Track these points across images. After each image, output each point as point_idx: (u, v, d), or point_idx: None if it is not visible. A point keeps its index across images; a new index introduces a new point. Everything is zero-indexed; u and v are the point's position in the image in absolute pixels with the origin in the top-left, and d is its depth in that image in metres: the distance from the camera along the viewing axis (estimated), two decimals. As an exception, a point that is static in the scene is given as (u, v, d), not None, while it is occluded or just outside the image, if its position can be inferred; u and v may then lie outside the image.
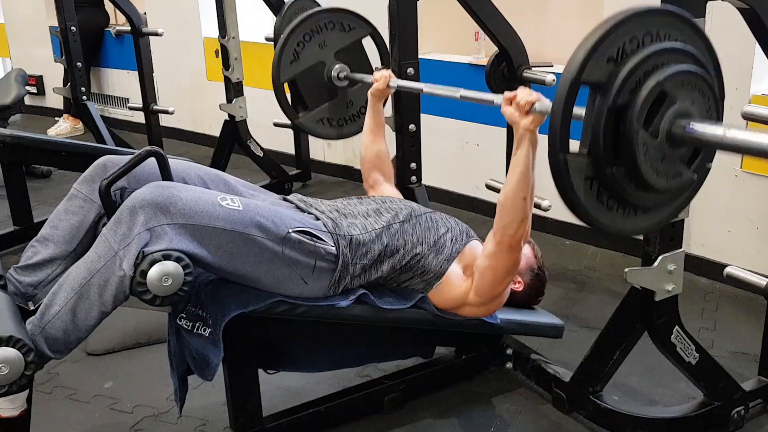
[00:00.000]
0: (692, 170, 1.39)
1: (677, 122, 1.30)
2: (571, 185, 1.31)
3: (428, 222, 2.05)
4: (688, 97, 1.32)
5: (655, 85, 1.28)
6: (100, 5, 5.35)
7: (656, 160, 1.32)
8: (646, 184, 1.34)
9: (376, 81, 2.35)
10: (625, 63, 1.28)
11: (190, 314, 1.82)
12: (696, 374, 1.98)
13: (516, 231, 1.84)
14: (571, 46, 1.30)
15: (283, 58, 2.51)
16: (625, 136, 1.29)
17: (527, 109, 1.71)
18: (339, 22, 2.59)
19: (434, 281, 2.01)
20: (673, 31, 1.34)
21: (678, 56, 1.33)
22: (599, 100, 1.29)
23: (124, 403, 2.26)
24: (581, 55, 1.26)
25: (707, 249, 2.97)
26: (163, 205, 1.65)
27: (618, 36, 1.28)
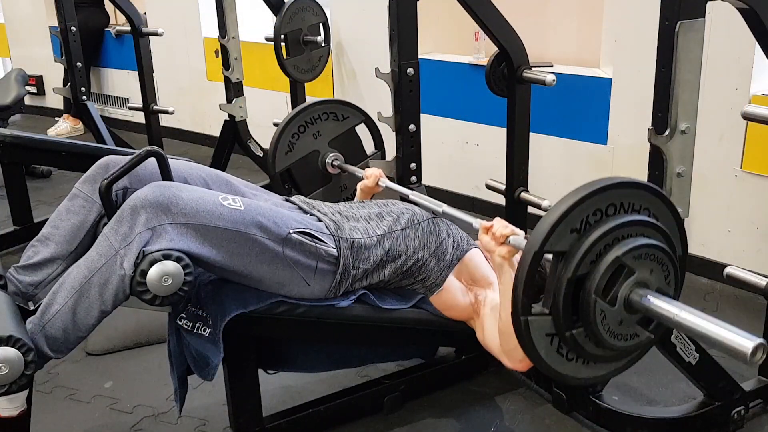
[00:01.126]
0: (650, 330, 1.45)
1: (635, 291, 1.38)
2: (533, 344, 1.41)
3: (430, 227, 2.04)
4: (646, 268, 1.39)
5: (613, 259, 1.36)
6: (100, 5, 5.35)
7: (614, 324, 1.40)
8: (604, 344, 1.42)
9: (367, 178, 2.37)
10: (587, 235, 1.36)
11: (190, 314, 1.82)
12: (696, 374, 1.97)
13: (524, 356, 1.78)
14: (571, 46, 1.30)
15: (278, 150, 2.58)
16: (584, 303, 1.38)
17: (502, 241, 1.74)
18: (333, 112, 2.66)
19: (435, 288, 2.01)
20: (636, 200, 1.41)
21: (638, 228, 1.40)
22: (561, 268, 1.37)
23: (124, 403, 2.26)
24: (545, 228, 1.34)
25: (707, 249, 2.97)
26: (164, 205, 1.65)
27: (581, 210, 1.35)
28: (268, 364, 2.02)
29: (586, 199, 1.35)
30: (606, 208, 1.37)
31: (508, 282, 1.75)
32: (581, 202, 1.34)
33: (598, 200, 1.36)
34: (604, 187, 1.36)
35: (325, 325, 1.92)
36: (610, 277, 1.37)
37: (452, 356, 2.34)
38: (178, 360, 1.88)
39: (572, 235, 1.35)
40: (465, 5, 2.36)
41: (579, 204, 1.34)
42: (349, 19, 4.15)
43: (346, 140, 2.69)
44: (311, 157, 2.64)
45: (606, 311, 1.38)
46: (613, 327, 1.40)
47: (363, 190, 2.39)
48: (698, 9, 1.62)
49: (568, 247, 1.36)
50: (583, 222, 1.36)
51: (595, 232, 1.35)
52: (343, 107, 2.69)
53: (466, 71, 3.65)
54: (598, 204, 1.36)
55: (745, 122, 2.64)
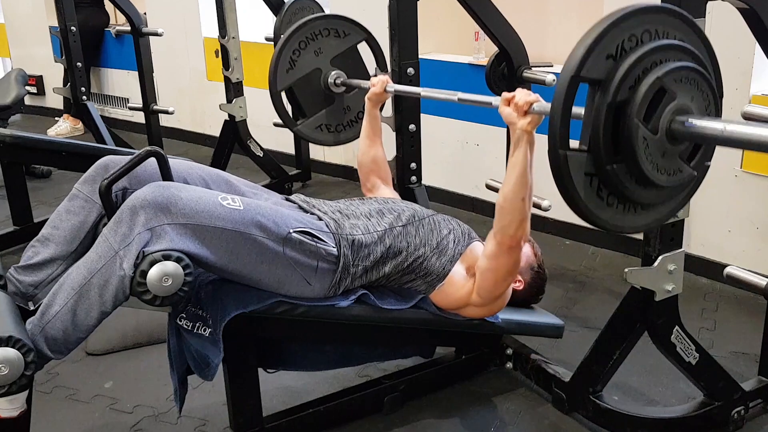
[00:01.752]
0: (692, 166, 1.39)
1: (677, 118, 1.31)
2: (572, 182, 1.31)
3: (431, 224, 2.05)
4: (687, 94, 1.32)
5: (654, 81, 1.28)
6: (100, 5, 5.35)
7: (656, 155, 1.33)
8: (647, 180, 1.34)
9: (373, 86, 2.36)
10: (624, 60, 1.29)
11: (190, 314, 1.82)
12: (696, 374, 1.98)
13: (516, 231, 1.84)
14: (571, 46, 1.30)
15: (279, 67, 2.52)
16: (625, 132, 1.30)
17: (525, 110, 1.71)
18: (334, 28, 2.60)
19: (436, 283, 2.01)
20: (672, 29, 1.35)
21: (676, 53, 1.33)
22: (599, 97, 1.29)
23: (124, 403, 2.26)
24: (580, 52, 1.26)
25: (707, 249, 2.97)
26: (163, 205, 1.64)
27: (617, 33, 1.28)
28: (268, 364, 2.02)
29: (620, 22, 1.28)
30: (641, 34, 1.31)
31: (522, 157, 1.74)
32: (615, 25, 1.28)
33: (633, 24, 1.30)
34: (638, 10, 1.30)
35: (325, 325, 1.92)
36: (651, 103, 1.29)
37: (452, 356, 2.34)
38: (178, 360, 1.88)
39: (608, 62, 1.29)
40: (465, 5, 2.36)
41: (613, 27, 1.28)
42: (349, 19, 4.14)
43: (348, 58, 2.63)
44: (313, 76, 2.58)
45: (649, 139, 1.30)
46: (655, 158, 1.32)
47: (371, 99, 2.38)
48: (698, 9, 1.61)
49: (605, 74, 1.29)
50: (619, 47, 1.29)
51: (633, 55, 1.29)
52: (344, 23, 2.63)
53: (466, 71, 3.65)
54: (633, 29, 1.30)
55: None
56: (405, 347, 2.19)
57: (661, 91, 1.30)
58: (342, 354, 2.10)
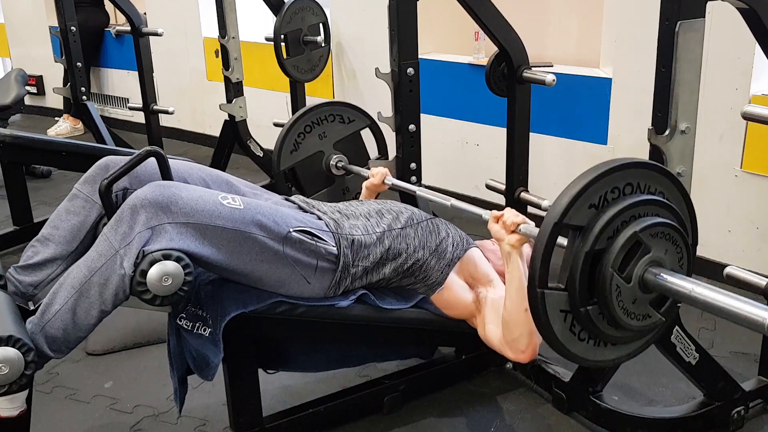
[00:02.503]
0: (661, 313, 1.48)
1: (650, 269, 1.41)
2: (547, 318, 1.42)
3: (429, 226, 2.05)
4: (661, 247, 1.43)
5: (631, 235, 1.39)
6: (100, 5, 5.35)
7: (628, 302, 1.43)
8: (617, 322, 1.44)
9: (372, 176, 2.39)
10: (605, 211, 1.39)
11: (190, 314, 1.82)
12: (696, 374, 1.97)
13: (527, 346, 1.83)
14: (571, 46, 1.31)
15: (284, 148, 2.60)
16: (600, 278, 1.40)
17: (513, 230, 1.77)
18: (339, 114, 2.68)
19: (436, 287, 2.01)
20: (653, 183, 1.45)
21: (655, 208, 1.44)
22: (578, 243, 1.40)
23: (124, 403, 2.26)
24: (565, 201, 1.37)
25: (707, 249, 2.97)
26: (164, 204, 1.65)
27: (601, 186, 1.39)
28: (268, 364, 2.02)
29: (606, 175, 1.38)
30: (623, 186, 1.40)
31: (515, 270, 1.77)
32: (601, 178, 1.37)
33: (617, 178, 1.39)
34: (623, 165, 1.39)
35: (325, 325, 1.92)
36: (626, 254, 1.39)
37: (452, 356, 2.34)
38: (178, 360, 1.88)
39: (590, 210, 1.38)
40: (465, 5, 2.36)
41: (599, 179, 1.37)
42: (349, 19, 4.15)
43: (351, 143, 2.71)
44: (315, 158, 2.66)
45: (621, 287, 1.40)
46: (627, 305, 1.42)
47: (369, 188, 2.40)
48: (698, 9, 1.62)
49: (586, 221, 1.38)
50: (602, 198, 1.39)
51: (614, 207, 1.38)
52: (349, 110, 2.71)
53: (466, 71, 3.65)
54: (616, 182, 1.39)
55: (745, 122, 2.64)
56: (405, 348, 2.19)
57: (637, 244, 1.40)
58: (342, 354, 2.10)
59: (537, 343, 1.84)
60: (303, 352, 2.05)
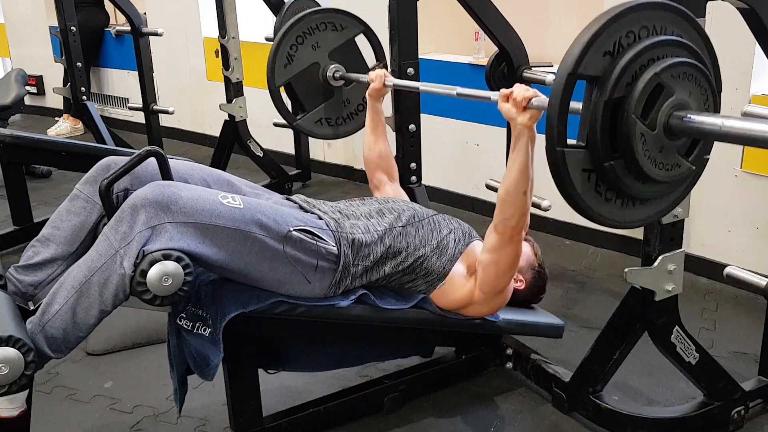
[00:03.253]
0: (690, 161, 1.39)
1: (674, 114, 1.31)
2: (569, 178, 1.32)
3: (431, 224, 2.05)
4: (684, 89, 1.32)
5: (651, 77, 1.29)
6: (100, 5, 5.35)
7: (654, 151, 1.33)
8: (645, 175, 1.35)
9: (372, 81, 2.36)
10: (621, 56, 1.29)
11: (190, 314, 1.82)
12: (696, 374, 1.98)
13: (517, 223, 1.86)
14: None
15: (276, 62, 2.51)
16: (623, 128, 1.30)
17: (524, 105, 1.71)
18: (330, 22, 2.59)
19: (437, 282, 2.01)
20: (670, 25, 1.35)
21: (674, 48, 1.33)
22: (596, 94, 1.30)
23: (124, 403, 2.26)
24: (577, 49, 1.27)
25: (707, 249, 2.97)
26: (164, 204, 1.65)
27: (614, 30, 1.29)
28: (268, 364, 2.02)
29: (617, 18, 1.28)
30: (639, 30, 1.31)
31: (523, 152, 1.75)
32: (613, 21, 1.28)
33: (630, 21, 1.30)
34: (636, 6, 1.30)
35: (325, 325, 1.92)
36: (648, 100, 1.30)
37: (452, 356, 2.34)
38: (178, 360, 1.88)
39: (606, 58, 1.29)
40: (465, 5, 2.36)
41: (610, 24, 1.28)
42: (349, 19, 4.14)
43: (346, 52, 2.63)
44: (311, 70, 2.58)
45: (646, 135, 1.31)
46: (653, 154, 1.33)
47: (372, 95, 2.38)
48: (698, 9, 1.61)
49: (602, 70, 1.29)
50: (616, 44, 1.29)
51: (630, 51, 1.29)
52: (341, 16, 2.63)
53: (466, 71, 3.65)
54: (630, 25, 1.30)
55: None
56: (405, 347, 2.19)
57: (659, 87, 1.30)
58: (342, 354, 2.10)
59: (526, 224, 1.89)
60: (303, 352, 2.05)
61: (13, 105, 4.33)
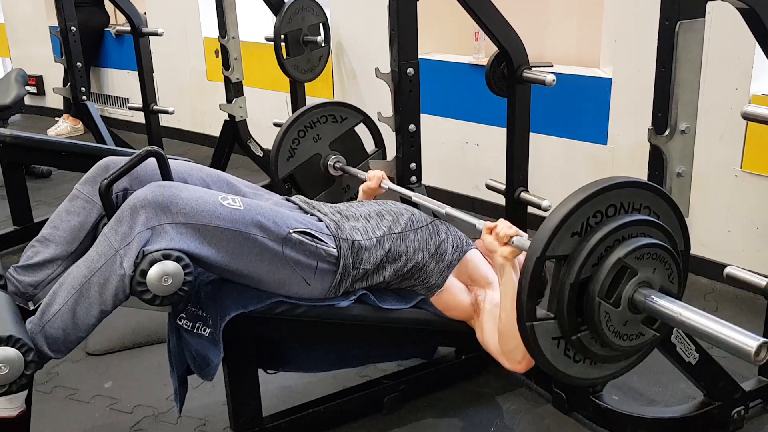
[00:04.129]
0: (655, 329, 1.46)
1: (639, 291, 1.40)
2: (539, 348, 1.42)
3: (429, 229, 2.05)
4: (648, 267, 1.41)
5: (616, 261, 1.38)
6: (100, 5, 5.35)
7: (619, 325, 1.42)
8: (610, 345, 1.43)
9: (369, 180, 2.38)
10: (588, 238, 1.37)
11: (190, 314, 1.82)
12: (696, 374, 1.97)
13: (523, 357, 1.78)
14: (571, 46, 1.30)
15: (279, 156, 2.60)
16: (588, 306, 1.39)
17: (506, 241, 1.76)
18: (331, 114, 2.67)
19: (436, 289, 2.01)
20: (637, 199, 1.42)
21: (639, 228, 1.41)
22: (563, 272, 1.38)
23: (124, 403, 2.26)
24: (546, 234, 1.35)
25: (707, 249, 2.97)
26: (164, 205, 1.65)
27: (582, 212, 1.36)
28: (268, 364, 2.02)
29: (585, 202, 1.35)
30: (606, 209, 1.38)
31: (509, 282, 1.76)
32: (581, 205, 1.35)
33: (598, 202, 1.37)
34: (602, 189, 1.37)
35: (325, 325, 1.92)
36: (614, 278, 1.38)
37: (452, 356, 2.34)
38: (178, 360, 1.88)
39: (573, 239, 1.36)
40: (465, 5, 2.36)
41: (578, 207, 1.35)
42: (349, 19, 4.15)
43: (347, 141, 2.71)
44: (313, 161, 2.66)
45: (611, 313, 1.39)
46: (618, 328, 1.41)
47: (365, 192, 2.39)
48: (698, 9, 1.62)
49: (570, 251, 1.37)
50: (584, 225, 1.37)
51: (596, 234, 1.36)
52: (341, 108, 2.71)
53: (466, 71, 3.65)
54: (597, 206, 1.37)
55: (745, 122, 2.64)
56: (405, 348, 2.19)
57: (624, 268, 1.38)
58: (342, 354, 2.10)
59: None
60: (303, 352, 2.05)
61: (13, 105, 4.33)
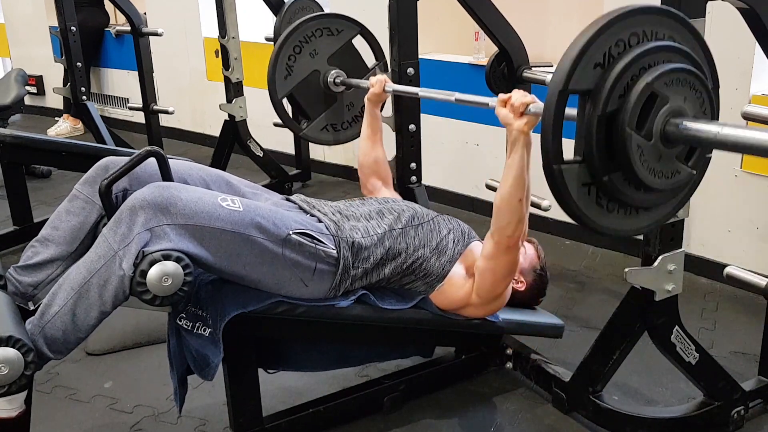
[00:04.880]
0: (690, 165, 1.37)
1: (670, 121, 1.29)
2: (569, 194, 1.30)
3: (431, 225, 2.05)
4: (679, 95, 1.30)
5: (644, 87, 1.26)
6: (100, 5, 5.35)
7: (652, 161, 1.31)
8: (645, 185, 1.33)
9: (372, 86, 2.36)
10: (612, 68, 1.26)
11: (190, 314, 1.82)
12: (696, 374, 1.98)
13: (513, 232, 1.85)
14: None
15: (276, 75, 2.50)
16: (618, 141, 1.28)
17: (522, 111, 1.71)
18: (326, 27, 2.58)
19: (436, 283, 2.01)
20: (661, 28, 1.32)
21: (665, 54, 1.30)
22: (589, 108, 1.27)
23: (124, 403, 2.26)
24: (567, 64, 1.24)
25: (707, 249, 2.97)
26: (163, 206, 1.65)
27: (603, 41, 1.26)
28: (268, 364, 2.02)
29: (606, 28, 1.25)
30: (628, 37, 1.28)
31: (519, 158, 1.75)
32: (601, 32, 1.25)
33: (619, 29, 1.26)
34: (624, 14, 1.26)
35: (325, 325, 1.92)
36: (643, 108, 1.27)
37: (452, 356, 2.34)
38: (178, 360, 1.88)
39: (596, 71, 1.26)
40: (465, 5, 2.36)
41: (599, 35, 1.25)
42: (349, 19, 4.14)
43: (345, 55, 2.61)
44: (312, 78, 2.57)
45: (643, 146, 1.28)
46: (652, 164, 1.31)
47: (371, 100, 2.37)
48: (698, 9, 1.61)
49: (593, 83, 1.27)
50: (606, 55, 1.26)
51: (620, 62, 1.26)
52: (336, 20, 2.61)
53: (466, 71, 3.65)
54: (619, 33, 1.27)
55: (745, 122, 2.64)
56: (405, 347, 2.19)
57: (653, 96, 1.28)
58: (342, 354, 2.10)
59: (524, 232, 1.86)
60: (303, 352, 2.05)
61: (13, 105, 4.33)
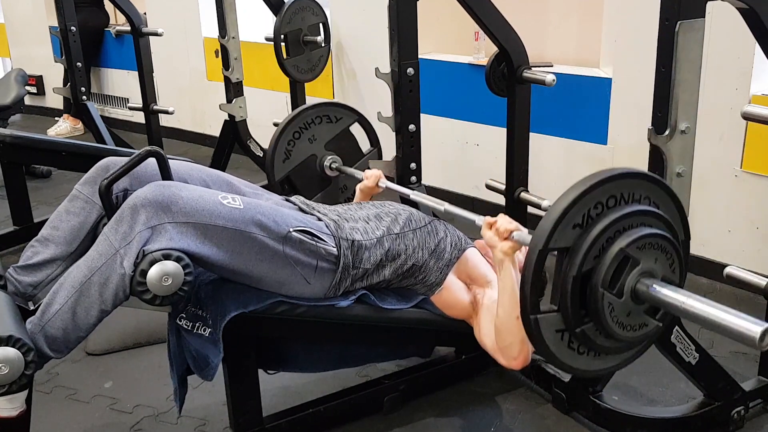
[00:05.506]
0: (657, 319, 1.47)
1: (642, 281, 1.40)
2: (543, 341, 1.42)
3: (428, 228, 2.05)
4: (650, 257, 1.41)
5: (618, 251, 1.38)
6: (100, 5, 5.35)
7: (622, 316, 1.42)
8: (614, 336, 1.44)
9: (366, 179, 2.38)
10: (590, 230, 1.38)
11: (190, 314, 1.82)
12: (696, 374, 1.98)
13: (519, 353, 1.80)
14: (571, 46, 1.30)
15: (275, 159, 2.59)
16: (592, 298, 1.39)
17: (506, 236, 1.75)
18: (325, 115, 2.66)
19: (436, 287, 2.01)
20: (636, 190, 1.42)
21: (639, 218, 1.41)
22: (566, 265, 1.39)
23: (124, 403, 2.26)
24: (548, 226, 1.35)
25: (707, 249, 2.97)
26: (164, 204, 1.65)
27: (583, 204, 1.36)
28: (268, 364, 2.02)
29: (586, 193, 1.36)
30: (606, 200, 1.38)
31: (508, 278, 1.76)
32: (582, 196, 1.35)
33: (598, 193, 1.37)
34: (603, 180, 1.37)
35: (325, 325, 1.92)
36: (616, 269, 1.38)
37: (452, 356, 2.34)
38: (178, 360, 1.88)
39: (575, 231, 1.37)
40: (465, 5, 2.36)
41: (580, 199, 1.35)
42: (349, 19, 4.15)
43: (342, 141, 2.70)
44: (309, 162, 2.65)
45: (614, 303, 1.39)
46: (621, 318, 1.42)
47: (362, 191, 2.39)
48: (698, 9, 1.62)
49: (571, 242, 1.37)
50: (585, 216, 1.37)
51: (598, 225, 1.37)
52: (335, 108, 2.70)
53: (466, 71, 3.65)
54: (598, 197, 1.37)
55: (745, 122, 2.64)
56: (405, 347, 2.19)
57: (626, 259, 1.38)
58: (342, 354, 2.10)
59: (529, 351, 1.82)
60: (303, 352, 2.05)
61: (13, 105, 4.33)
